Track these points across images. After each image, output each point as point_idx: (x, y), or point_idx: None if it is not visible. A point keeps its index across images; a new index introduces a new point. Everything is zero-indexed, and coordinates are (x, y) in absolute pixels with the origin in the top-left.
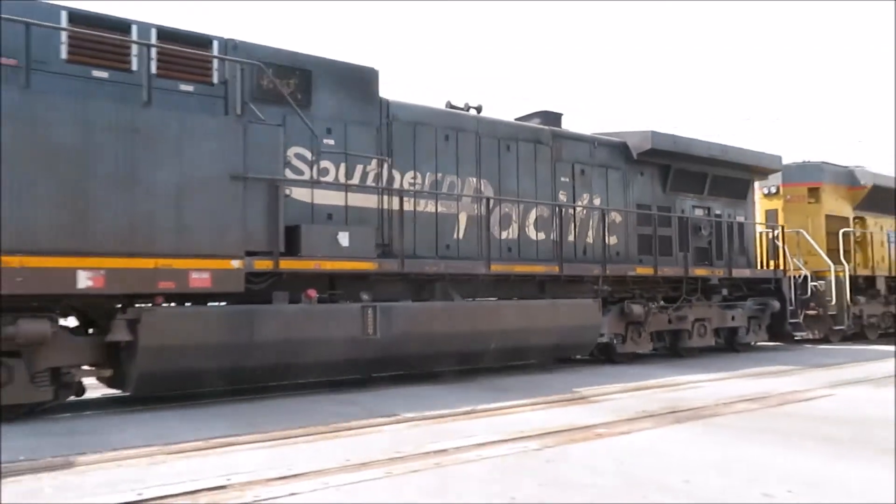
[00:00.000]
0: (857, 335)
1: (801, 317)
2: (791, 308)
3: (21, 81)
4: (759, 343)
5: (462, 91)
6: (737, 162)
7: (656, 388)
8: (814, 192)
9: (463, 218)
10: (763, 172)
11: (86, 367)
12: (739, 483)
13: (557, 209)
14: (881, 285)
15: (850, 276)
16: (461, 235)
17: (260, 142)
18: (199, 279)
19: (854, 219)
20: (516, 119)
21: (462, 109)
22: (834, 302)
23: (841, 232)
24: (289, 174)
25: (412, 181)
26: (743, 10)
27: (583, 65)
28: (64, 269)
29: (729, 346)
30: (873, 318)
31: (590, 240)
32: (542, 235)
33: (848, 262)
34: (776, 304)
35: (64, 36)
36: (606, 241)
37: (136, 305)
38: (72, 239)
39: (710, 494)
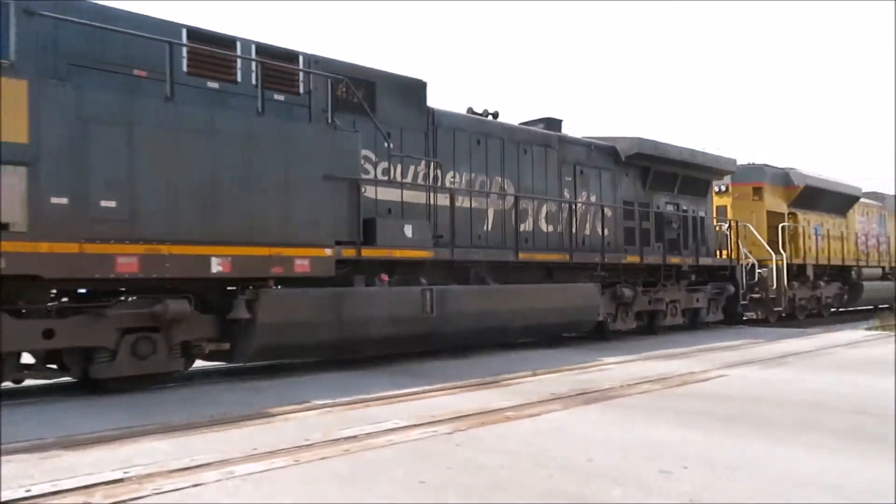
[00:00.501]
0: (790, 315)
1: (748, 299)
2: (742, 291)
3: (160, 92)
4: (713, 321)
5: (463, 91)
6: (701, 164)
7: (568, 371)
8: (757, 191)
9: (491, 212)
10: (721, 173)
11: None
12: (639, 461)
13: (566, 205)
14: (810, 272)
15: (787, 265)
16: (489, 227)
17: (343, 146)
18: (302, 265)
19: (788, 214)
20: (522, 123)
21: (481, 115)
22: (774, 286)
23: (780, 226)
24: None
25: (452, 180)
26: (736, 14)
27: (571, 68)
28: (201, 256)
29: (692, 324)
30: (803, 301)
31: (587, 232)
32: (550, 228)
33: (785, 253)
34: (731, 288)
35: (185, 51)
36: (603, 233)
37: (251, 288)
38: (205, 230)
39: (611, 472)
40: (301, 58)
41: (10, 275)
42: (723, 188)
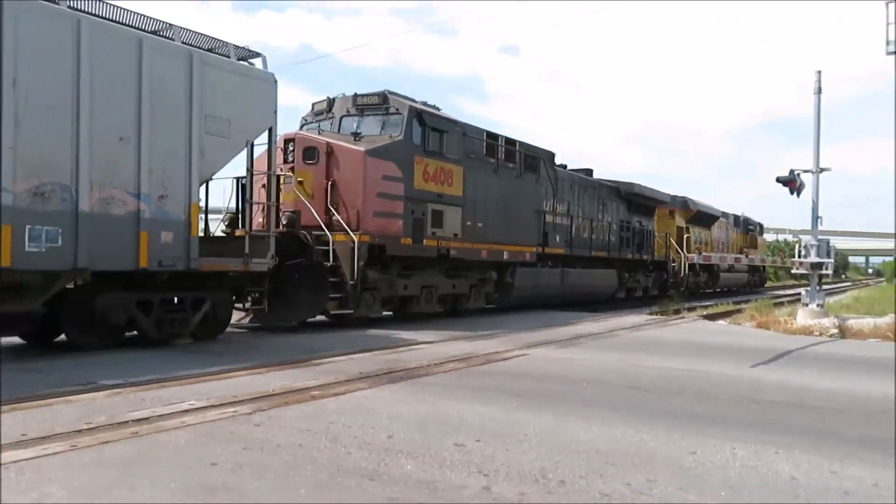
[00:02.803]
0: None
1: (671, 283)
2: (670, 277)
3: (492, 169)
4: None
5: None
6: (656, 198)
7: (379, 351)
8: (672, 213)
9: (574, 227)
10: (662, 203)
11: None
12: (436, 435)
13: (603, 223)
14: (697, 267)
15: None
16: (574, 235)
17: (539, 192)
18: (528, 256)
19: (686, 228)
20: (571, 170)
21: (560, 167)
22: (682, 275)
23: (685, 237)
24: None
25: (563, 209)
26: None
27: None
28: (501, 250)
29: (644, 297)
30: (692, 284)
31: (607, 238)
32: (594, 236)
33: (685, 254)
34: (664, 275)
35: (485, 144)
36: (620, 240)
37: (510, 267)
38: (502, 237)
39: (408, 447)
40: (517, 144)
41: (454, 258)
42: None
